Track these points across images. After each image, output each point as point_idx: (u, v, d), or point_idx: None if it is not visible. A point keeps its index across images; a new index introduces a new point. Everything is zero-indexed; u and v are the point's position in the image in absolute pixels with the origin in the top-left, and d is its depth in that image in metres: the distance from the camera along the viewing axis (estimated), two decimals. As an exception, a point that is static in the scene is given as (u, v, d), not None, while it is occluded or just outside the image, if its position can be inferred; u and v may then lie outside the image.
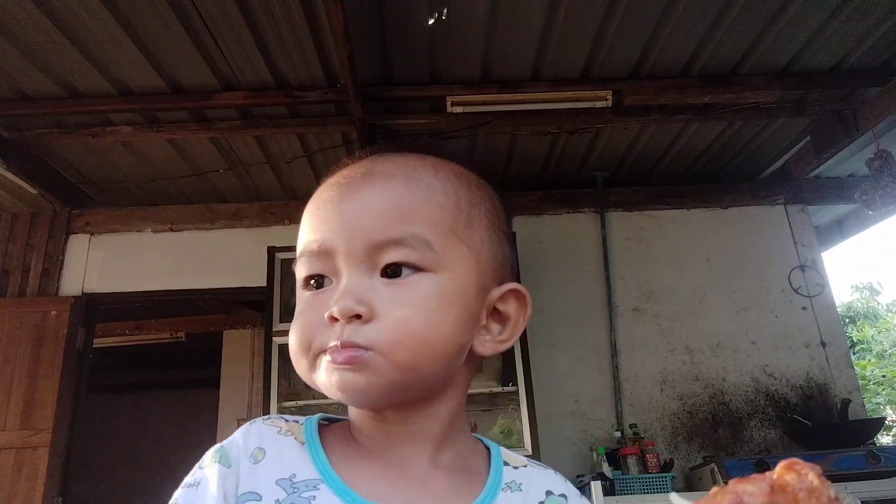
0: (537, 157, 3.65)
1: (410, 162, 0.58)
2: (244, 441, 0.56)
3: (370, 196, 0.55)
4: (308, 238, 0.57)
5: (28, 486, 3.09)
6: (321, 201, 0.57)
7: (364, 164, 0.59)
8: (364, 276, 0.53)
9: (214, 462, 0.54)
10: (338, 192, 0.56)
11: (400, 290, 0.53)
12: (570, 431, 3.33)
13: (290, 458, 0.55)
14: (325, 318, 0.53)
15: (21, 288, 3.51)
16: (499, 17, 2.58)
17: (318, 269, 0.55)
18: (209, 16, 2.48)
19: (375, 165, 0.58)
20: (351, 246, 0.53)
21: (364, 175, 0.57)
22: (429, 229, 0.54)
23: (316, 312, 0.54)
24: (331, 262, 0.55)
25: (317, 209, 0.57)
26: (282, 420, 0.60)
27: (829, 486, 0.39)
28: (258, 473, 0.54)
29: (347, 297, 0.52)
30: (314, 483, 0.53)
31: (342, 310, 0.52)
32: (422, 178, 0.57)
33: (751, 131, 3.53)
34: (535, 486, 0.61)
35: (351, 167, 0.59)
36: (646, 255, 3.76)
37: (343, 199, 0.56)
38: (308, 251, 0.56)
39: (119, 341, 5.59)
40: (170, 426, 7.19)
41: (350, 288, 0.53)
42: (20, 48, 2.60)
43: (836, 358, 3.57)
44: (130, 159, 3.40)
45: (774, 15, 2.66)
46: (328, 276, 0.55)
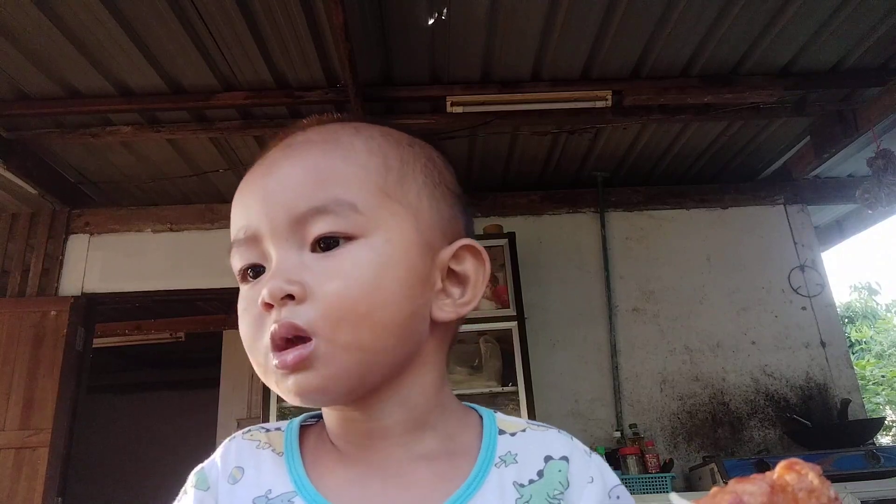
0: (537, 157, 3.65)
1: (331, 128, 0.56)
2: (222, 462, 0.55)
3: (288, 168, 0.52)
4: (234, 226, 0.54)
5: (28, 486, 3.09)
6: (243, 185, 0.55)
7: (286, 139, 0.56)
8: (293, 253, 0.50)
9: (192, 486, 0.54)
10: (258, 171, 0.54)
11: (332, 261, 0.49)
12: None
13: (267, 473, 0.54)
14: (259, 308, 0.50)
15: (21, 288, 3.51)
16: (499, 17, 2.58)
17: (249, 259, 0.52)
18: (209, 16, 2.48)
19: (296, 137, 0.55)
20: (273, 223, 0.50)
21: (283, 148, 0.54)
22: (353, 191, 0.51)
23: (254, 305, 0.50)
24: (260, 247, 0.51)
25: (239, 194, 0.55)
26: (262, 432, 0.58)
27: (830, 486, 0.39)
28: (236, 494, 0.53)
29: (276, 278, 0.49)
30: (289, 496, 0.52)
31: (272, 291, 0.48)
32: (342, 140, 0.54)
33: (751, 131, 3.53)
34: (532, 454, 0.55)
35: (283, 142, 0.56)
36: (646, 255, 3.76)
37: (262, 176, 0.53)
38: (236, 240, 0.53)
39: (119, 341, 5.59)
40: (170, 426, 7.18)
41: (279, 267, 0.49)
42: (20, 48, 2.59)
43: (835, 358, 3.57)
44: (130, 159, 3.40)
45: (774, 15, 2.66)
46: (262, 265, 0.52)
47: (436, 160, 0.59)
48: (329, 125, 0.56)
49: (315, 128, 0.56)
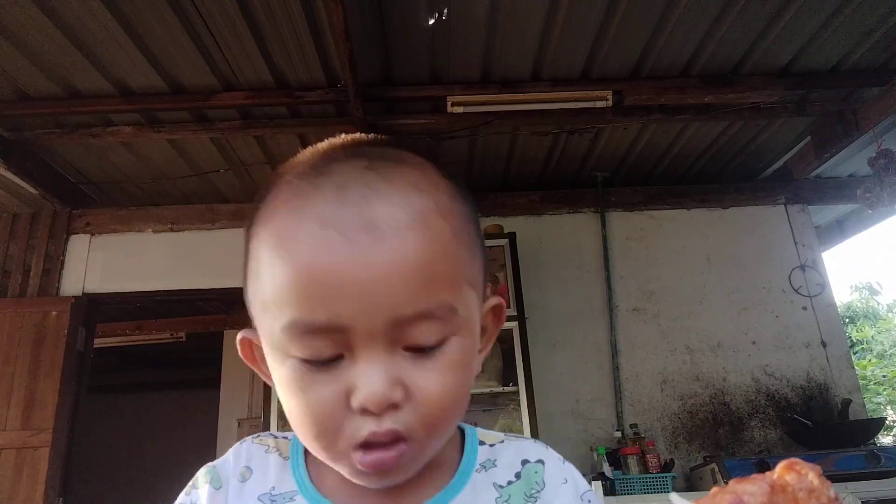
0: (537, 157, 3.65)
1: (412, 200, 0.47)
2: (234, 461, 0.59)
3: (387, 261, 0.45)
4: (310, 309, 0.45)
5: (29, 486, 3.09)
6: (315, 256, 0.45)
7: (355, 203, 0.46)
8: (388, 354, 0.46)
9: (206, 483, 0.57)
10: (339, 249, 0.44)
11: (430, 364, 0.47)
12: (571, 431, 3.33)
13: (272, 474, 0.58)
14: (348, 405, 0.46)
15: (22, 288, 3.51)
16: (499, 17, 2.58)
17: (327, 351, 0.46)
18: (209, 16, 2.48)
19: (373, 210, 0.46)
20: (371, 324, 0.45)
21: (367, 228, 0.45)
22: (452, 291, 0.48)
23: (330, 394, 0.46)
24: (341, 337, 0.45)
25: (312, 268, 0.45)
26: (270, 437, 0.62)
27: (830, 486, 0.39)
28: (244, 492, 0.57)
29: (379, 382, 0.45)
30: (291, 494, 0.56)
31: (378, 402, 0.45)
32: (431, 223, 0.47)
33: (751, 131, 3.53)
34: (510, 459, 0.59)
35: (336, 204, 0.46)
36: (646, 255, 3.76)
37: (351, 263, 0.44)
38: (312, 327, 0.45)
39: (119, 341, 5.60)
40: (170, 426, 7.19)
41: (380, 370, 0.45)
42: (20, 48, 2.60)
43: (836, 358, 3.57)
44: (131, 159, 3.40)
45: (774, 15, 2.66)
46: (342, 354, 0.47)
47: (476, 209, 0.55)
48: (402, 188, 0.48)
49: (387, 191, 0.47)
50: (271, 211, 0.49)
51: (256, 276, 0.49)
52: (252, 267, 0.51)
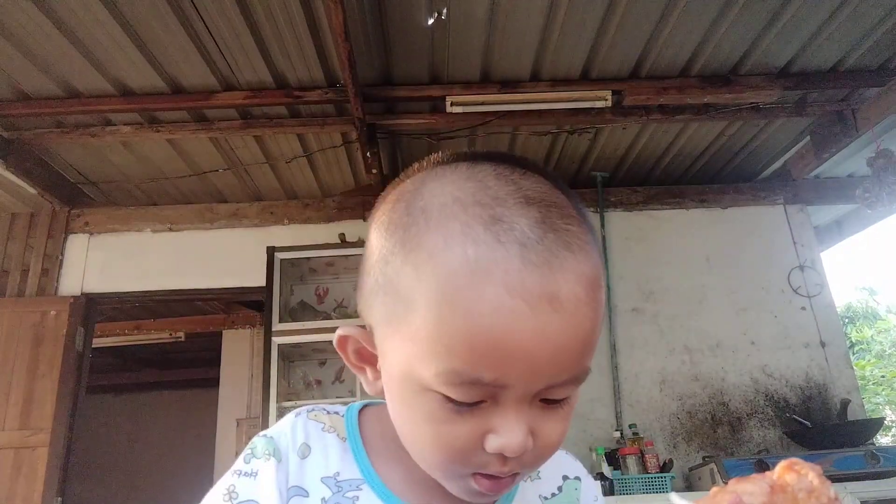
0: (537, 157, 3.65)
1: (587, 273, 0.48)
2: (293, 435, 0.58)
3: (562, 334, 0.46)
4: (480, 367, 0.46)
5: (27, 486, 3.09)
6: (497, 322, 0.45)
7: (541, 272, 0.46)
8: (528, 406, 0.49)
9: (269, 454, 0.56)
10: (521, 318, 0.45)
11: (557, 412, 0.51)
12: (570, 431, 3.25)
13: (333, 455, 0.58)
14: (482, 444, 0.48)
15: (20, 288, 3.51)
16: (498, 17, 2.58)
17: (477, 398, 0.47)
18: (209, 16, 2.48)
19: (556, 281, 0.46)
20: (531, 388, 0.47)
21: (550, 300, 0.46)
22: (592, 356, 0.51)
23: (467, 432, 0.48)
24: (494, 391, 0.47)
25: (492, 332, 0.45)
26: (324, 413, 0.61)
27: (830, 486, 0.39)
28: (305, 469, 0.56)
29: (522, 437, 0.48)
30: (357, 483, 0.56)
31: (516, 452, 0.48)
32: (599, 298, 0.49)
33: (751, 131, 3.53)
34: (552, 472, 0.63)
35: (544, 280, 0.46)
36: (645, 255, 3.76)
37: (530, 333, 0.45)
38: (475, 381, 0.46)
39: (118, 341, 5.59)
40: (169, 426, 7.19)
41: (524, 426, 0.48)
42: (20, 48, 2.59)
43: (835, 358, 3.57)
44: (130, 159, 3.40)
45: (774, 15, 2.66)
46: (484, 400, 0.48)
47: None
48: (583, 262, 0.48)
49: (573, 265, 0.47)
50: (440, 244, 0.47)
51: (407, 296, 0.48)
52: (398, 281, 0.49)
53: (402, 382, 0.50)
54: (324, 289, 3.77)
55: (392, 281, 0.50)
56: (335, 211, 3.78)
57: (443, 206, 0.49)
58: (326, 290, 3.77)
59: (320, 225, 3.76)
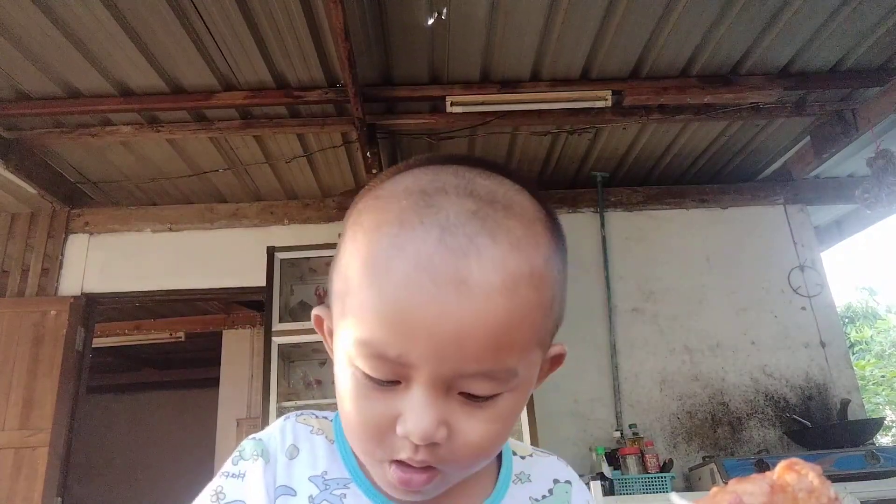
0: (537, 157, 3.65)
1: (508, 264, 0.47)
2: (281, 436, 0.59)
3: (466, 320, 0.45)
4: (383, 340, 0.47)
5: (27, 486, 3.09)
6: (401, 295, 0.46)
7: (453, 254, 0.46)
8: (441, 396, 0.48)
9: (257, 455, 0.57)
10: (425, 295, 0.45)
11: (479, 412, 0.49)
12: (570, 431, 3.33)
13: (321, 456, 0.58)
14: (395, 429, 0.49)
15: (20, 288, 3.51)
16: (498, 17, 2.58)
17: (388, 376, 0.48)
18: (209, 16, 2.48)
19: (469, 266, 0.46)
20: (436, 372, 0.47)
21: (458, 283, 0.45)
22: (519, 356, 0.49)
23: (381, 411, 0.49)
24: (405, 370, 0.48)
25: (396, 305, 0.46)
26: (313, 417, 0.62)
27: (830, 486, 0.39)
28: (293, 469, 0.57)
29: (428, 423, 0.47)
30: (344, 482, 0.57)
31: (421, 439, 0.48)
32: (520, 292, 0.48)
33: (751, 131, 3.53)
34: (543, 476, 0.64)
35: (435, 250, 0.46)
36: (645, 255, 3.76)
37: (432, 312, 0.45)
38: (380, 354, 0.47)
39: (118, 341, 5.59)
40: (169, 426, 7.19)
41: (431, 412, 0.48)
42: (20, 48, 2.59)
43: (835, 358, 3.57)
44: (130, 159, 3.40)
45: (774, 15, 2.66)
46: (399, 381, 0.49)
47: (566, 259, 0.55)
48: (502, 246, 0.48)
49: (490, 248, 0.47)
50: (374, 223, 0.50)
51: (345, 274, 0.51)
52: (344, 261, 0.52)
53: (339, 357, 0.52)
54: (324, 289, 3.77)
55: (339, 259, 0.53)
56: (335, 211, 3.78)
57: (393, 192, 0.52)
58: (326, 290, 3.76)
59: (320, 225, 3.76)
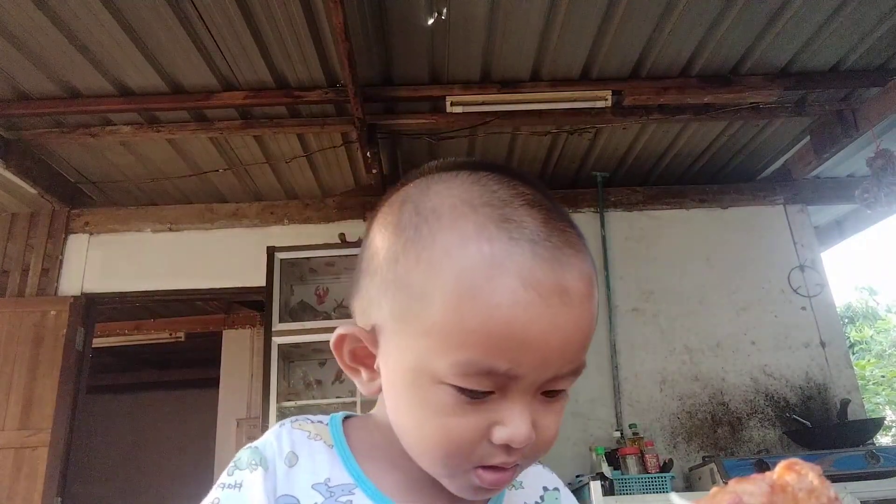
0: (537, 157, 3.65)
1: (588, 271, 0.52)
2: (278, 444, 0.57)
3: (570, 327, 0.49)
4: (493, 356, 0.47)
5: (27, 486, 3.09)
6: (514, 314, 0.47)
7: (551, 268, 0.49)
8: (533, 399, 0.51)
9: (255, 465, 0.55)
10: (536, 310, 0.48)
11: (554, 405, 0.53)
12: (570, 431, 3.33)
13: (322, 462, 0.57)
14: (488, 436, 0.50)
15: (20, 288, 3.51)
16: (498, 17, 2.58)
17: (489, 387, 0.49)
18: (209, 16, 2.48)
19: (565, 277, 0.49)
20: (541, 378, 0.49)
21: (561, 294, 0.49)
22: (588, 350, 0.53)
23: (474, 424, 0.49)
24: (505, 381, 0.49)
25: (509, 324, 0.47)
26: (308, 422, 0.61)
27: (830, 486, 0.39)
28: (293, 477, 0.56)
29: (528, 427, 0.49)
30: (349, 487, 0.56)
31: (523, 444, 0.50)
32: (596, 294, 0.53)
33: (751, 131, 3.53)
34: (534, 483, 0.65)
35: (555, 275, 0.49)
36: (646, 255, 3.76)
37: (543, 324, 0.48)
38: (489, 371, 0.48)
39: (118, 341, 5.59)
40: (169, 426, 7.18)
41: (527, 418, 0.50)
42: (20, 48, 2.59)
43: (835, 358, 3.57)
44: (130, 159, 3.40)
45: (774, 15, 2.66)
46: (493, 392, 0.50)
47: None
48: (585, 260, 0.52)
49: (578, 264, 0.51)
50: (455, 241, 0.50)
51: (422, 298, 0.50)
52: (411, 280, 0.51)
53: (412, 378, 0.51)
54: (324, 289, 3.77)
55: (403, 279, 0.51)
56: (335, 211, 3.78)
57: (453, 206, 0.52)
58: (326, 290, 3.77)
59: (320, 225, 3.76)
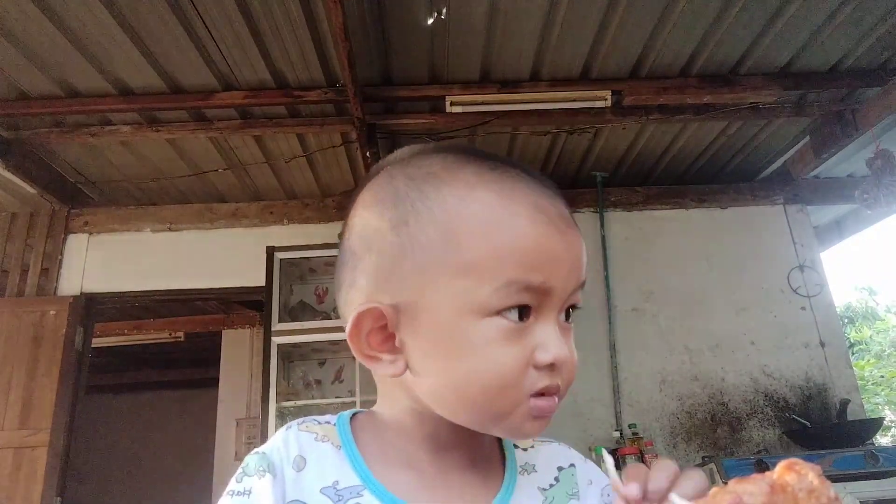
0: (537, 157, 3.65)
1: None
2: (286, 448, 0.57)
3: (578, 245, 0.58)
4: (527, 271, 0.53)
5: (27, 486, 3.09)
6: (537, 231, 0.54)
7: (559, 205, 0.58)
8: (557, 320, 0.56)
9: (264, 471, 0.55)
10: (552, 229, 0.55)
11: (571, 334, 0.58)
12: (569, 431, 3.33)
13: (330, 465, 0.57)
14: (532, 361, 0.53)
15: (20, 287, 3.51)
16: (498, 16, 2.58)
17: (527, 302, 0.53)
18: (209, 16, 2.48)
19: (562, 208, 0.58)
20: (565, 289, 0.55)
21: (565, 219, 0.57)
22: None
23: (519, 350, 0.53)
24: (540, 298, 0.54)
25: (536, 240, 0.54)
26: (315, 424, 0.61)
27: (829, 486, 0.39)
28: (302, 482, 0.55)
29: (566, 346, 0.55)
30: (357, 489, 0.55)
31: (565, 360, 0.54)
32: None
33: (750, 131, 3.53)
34: (547, 464, 0.65)
35: (553, 204, 0.57)
36: (645, 255, 3.76)
37: (561, 241, 0.55)
38: (525, 283, 0.52)
39: (118, 341, 5.59)
40: (169, 426, 7.18)
41: (562, 338, 0.55)
42: (20, 48, 2.59)
43: (835, 358, 3.57)
44: (129, 159, 3.40)
45: (774, 15, 2.66)
46: (532, 309, 0.54)
47: None
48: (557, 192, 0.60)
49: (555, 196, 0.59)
50: (465, 187, 0.55)
51: (447, 243, 0.54)
52: (430, 237, 0.54)
53: (455, 322, 0.53)
54: (323, 289, 3.77)
55: (418, 237, 0.55)
56: (335, 211, 3.78)
57: (444, 165, 0.57)
58: (326, 290, 3.77)
59: (320, 225, 3.76)
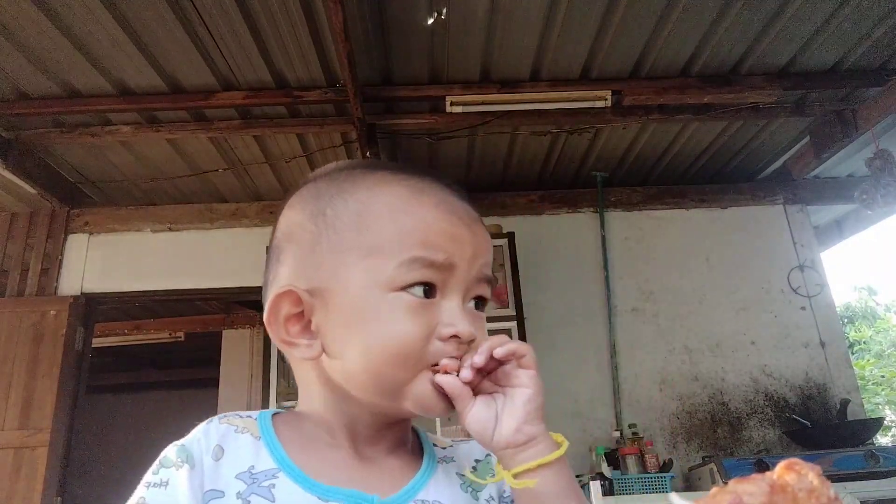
0: (537, 157, 3.65)
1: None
2: (206, 439, 0.58)
3: (482, 234, 0.63)
4: (433, 247, 0.58)
5: (27, 485, 3.09)
6: (439, 216, 0.60)
7: (467, 205, 0.64)
8: (464, 303, 0.60)
9: (182, 462, 0.56)
10: (454, 216, 0.61)
11: (481, 319, 0.62)
12: (569, 431, 3.31)
13: (247, 453, 0.58)
14: (436, 335, 0.57)
15: (20, 287, 3.51)
16: (498, 16, 2.58)
17: (431, 279, 0.58)
18: (209, 16, 2.48)
19: (471, 211, 0.64)
20: (470, 270, 0.60)
21: (473, 217, 0.63)
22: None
23: (423, 323, 0.57)
24: (443, 276, 0.58)
25: (438, 223, 0.59)
26: (237, 417, 0.62)
27: (830, 486, 0.39)
28: (220, 471, 0.56)
29: (468, 323, 0.58)
30: (272, 472, 0.57)
31: (468, 334, 0.58)
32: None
33: (750, 131, 3.53)
34: (466, 457, 0.68)
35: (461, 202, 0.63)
36: (645, 255, 3.76)
37: (462, 226, 0.61)
38: (429, 259, 0.58)
39: (118, 341, 5.59)
40: (169, 426, 7.15)
41: (465, 314, 0.59)
42: (20, 48, 2.59)
43: (835, 358, 3.57)
44: (129, 159, 3.40)
45: (774, 15, 2.66)
46: (437, 288, 0.58)
47: None
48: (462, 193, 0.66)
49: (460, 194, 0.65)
50: (382, 185, 0.62)
51: (358, 228, 0.60)
52: (344, 222, 0.60)
53: (364, 297, 0.58)
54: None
55: (334, 223, 0.61)
56: (335, 211, 3.78)
57: (364, 168, 0.65)
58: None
59: (320, 225, 3.75)
